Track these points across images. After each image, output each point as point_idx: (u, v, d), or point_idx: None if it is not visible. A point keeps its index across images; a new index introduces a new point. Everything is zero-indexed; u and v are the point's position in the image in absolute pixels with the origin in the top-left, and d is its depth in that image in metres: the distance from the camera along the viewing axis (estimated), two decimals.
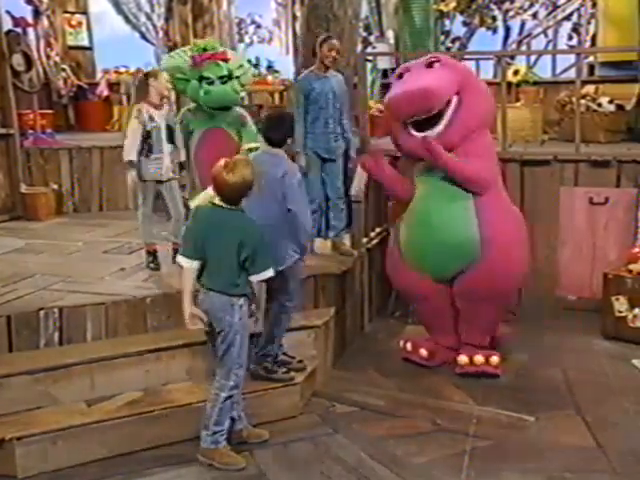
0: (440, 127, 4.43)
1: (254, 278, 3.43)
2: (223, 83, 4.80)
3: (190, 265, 3.43)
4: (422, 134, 4.43)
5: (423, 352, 4.74)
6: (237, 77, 4.92)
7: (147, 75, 4.89)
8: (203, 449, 3.52)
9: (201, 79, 4.79)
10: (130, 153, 4.72)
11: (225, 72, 4.82)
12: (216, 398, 3.47)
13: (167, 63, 5.05)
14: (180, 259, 3.47)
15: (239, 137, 4.94)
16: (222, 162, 3.40)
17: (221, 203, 3.41)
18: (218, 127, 4.87)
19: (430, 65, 4.55)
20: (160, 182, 4.83)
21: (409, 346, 4.83)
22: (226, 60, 4.89)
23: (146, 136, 4.72)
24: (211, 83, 4.77)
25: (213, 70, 4.79)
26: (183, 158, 4.93)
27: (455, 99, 4.44)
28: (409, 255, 4.67)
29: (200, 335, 3.85)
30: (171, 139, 4.84)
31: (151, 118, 4.74)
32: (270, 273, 3.47)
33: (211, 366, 3.65)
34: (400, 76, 4.64)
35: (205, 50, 4.85)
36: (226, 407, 3.49)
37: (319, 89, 5.16)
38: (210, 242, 3.39)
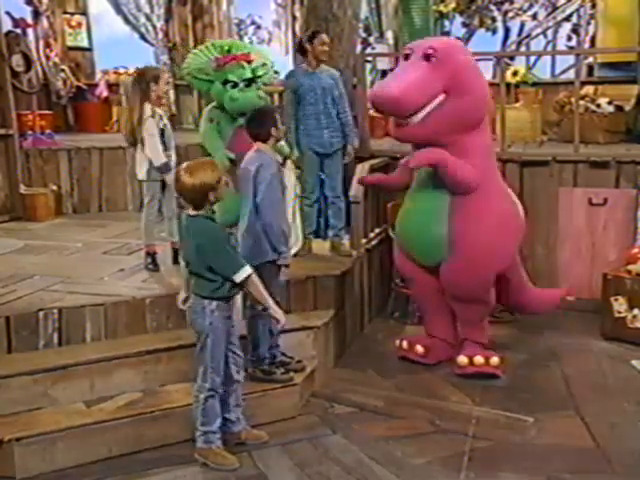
0: (414, 120, 4.30)
1: (235, 279, 3.34)
2: (247, 86, 4.76)
3: None
4: (402, 121, 4.36)
5: (419, 348, 4.76)
6: (259, 77, 4.89)
7: (145, 76, 4.80)
8: (198, 448, 3.54)
9: (225, 82, 4.74)
10: (161, 154, 4.68)
11: (249, 74, 4.78)
12: (197, 399, 3.51)
13: (192, 63, 4.96)
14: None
15: None
16: (184, 164, 3.39)
17: (190, 212, 3.39)
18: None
19: (426, 57, 4.30)
20: (164, 181, 4.82)
21: (405, 344, 4.84)
22: (249, 61, 4.86)
23: (161, 135, 4.72)
24: (235, 86, 4.72)
25: (237, 72, 4.73)
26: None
27: (440, 98, 4.27)
28: (400, 239, 4.81)
29: None
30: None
31: (160, 117, 4.75)
32: (245, 272, 3.34)
33: None
34: (406, 57, 4.42)
35: (229, 51, 4.82)
36: (209, 407, 3.49)
37: (307, 85, 5.18)
38: (185, 249, 3.51)
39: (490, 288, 4.62)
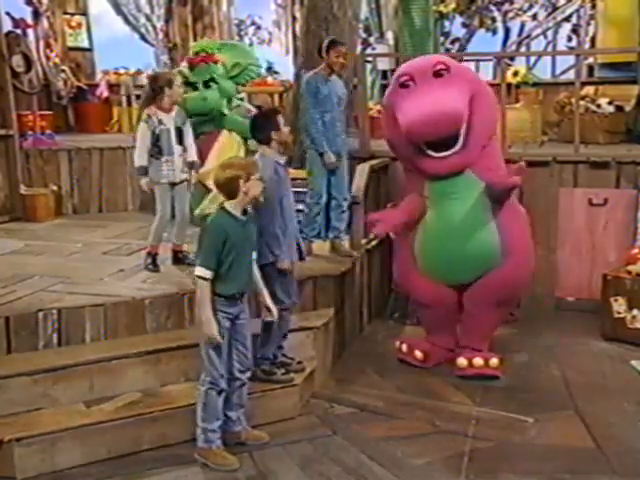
0: (458, 146, 4.30)
1: (195, 269, 3.43)
2: (206, 86, 4.76)
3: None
4: (441, 154, 4.31)
5: (418, 354, 4.76)
6: (233, 77, 4.85)
7: (158, 80, 4.77)
8: (198, 448, 3.55)
9: (187, 84, 4.76)
10: (140, 159, 4.71)
11: (207, 76, 4.78)
12: (198, 393, 3.53)
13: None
14: None
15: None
16: (222, 162, 3.55)
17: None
18: (219, 129, 4.82)
19: (438, 74, 4.28)
20: (173, 184, 4.83)
21: (404, 347, 4.84)
22: (216, 62, 4.83)
23: (155, 139, 4.71)
24: (196, 88, 4.73)
25: (199, 74, 4.75)
26: (192, 158, 4.87)
27: (466, 113, 4.26)
28: (427, 264, 4.66)
29: None
30: (180, 140, 4.82)
31: (160, 121, 4.72)
32: (199, 271, 3.39)
33: None
34: (404, 85, 4.37)
35: (197, 53, 4.82)
36: (210, 403, 3.50)
37: (326, 92, 5.13)
38: None
39: None
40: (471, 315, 4.67)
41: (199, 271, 3.39)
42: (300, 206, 4.97)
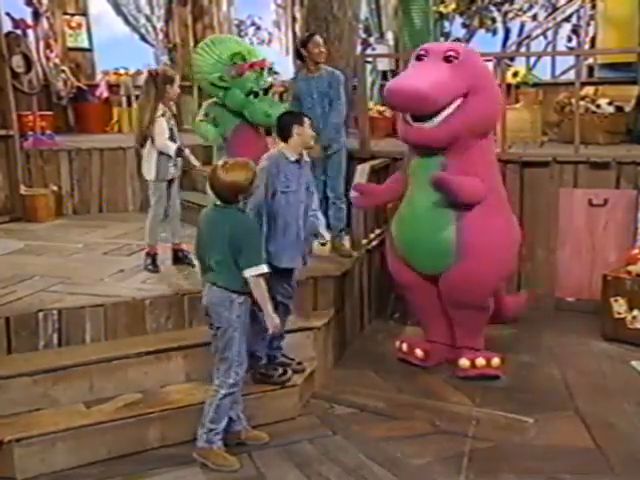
0: (434, 122, 4.26)
1: (245, 273, 3.35)
2: (265, 93, 4.78)
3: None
4: (418, 124, 4.30)
5: (419, 352, 4.75)
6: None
7: (161, 77, 4.76)
8: (198, 448, 3.53)
9: (249, 92, 4.74)
10: (171, 144, 4.70)
11: (268, 84, 4.83)
12: (215, 395, 3.49)
13: (203, 67, 4.85)
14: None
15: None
16: (221, 161, 3.48)
17: (218, 202, 3.46)
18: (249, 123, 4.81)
19: (447, 59, 4.31)
20: (170, 180, 4.84)
21: (405, 347, 4.84)
22: (263, 67, 4.84)
23: (169, 135, 4.74)
24: (256, 95, 4.73)
25: (256, 81, 4.73)
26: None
27: (459, 101, 4.26)
28: (397, 247, 4.70)
29: (199, 336, 3.86)
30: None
31: (169, 117, 4.77)
32: (262, 269, 3.36)
33: (210, 367, 3.63)
34: (419, 58, 4.43)
35: (245, 59, 4.75)
36: (224, 405, 3.49)
37: (304, 90, 5.21)
38: (207, 240, 3.46)
39: (492, 294, 4.62)
40: (450, 312, 4.67)
41: (257, 270, 3.32)
42: None
